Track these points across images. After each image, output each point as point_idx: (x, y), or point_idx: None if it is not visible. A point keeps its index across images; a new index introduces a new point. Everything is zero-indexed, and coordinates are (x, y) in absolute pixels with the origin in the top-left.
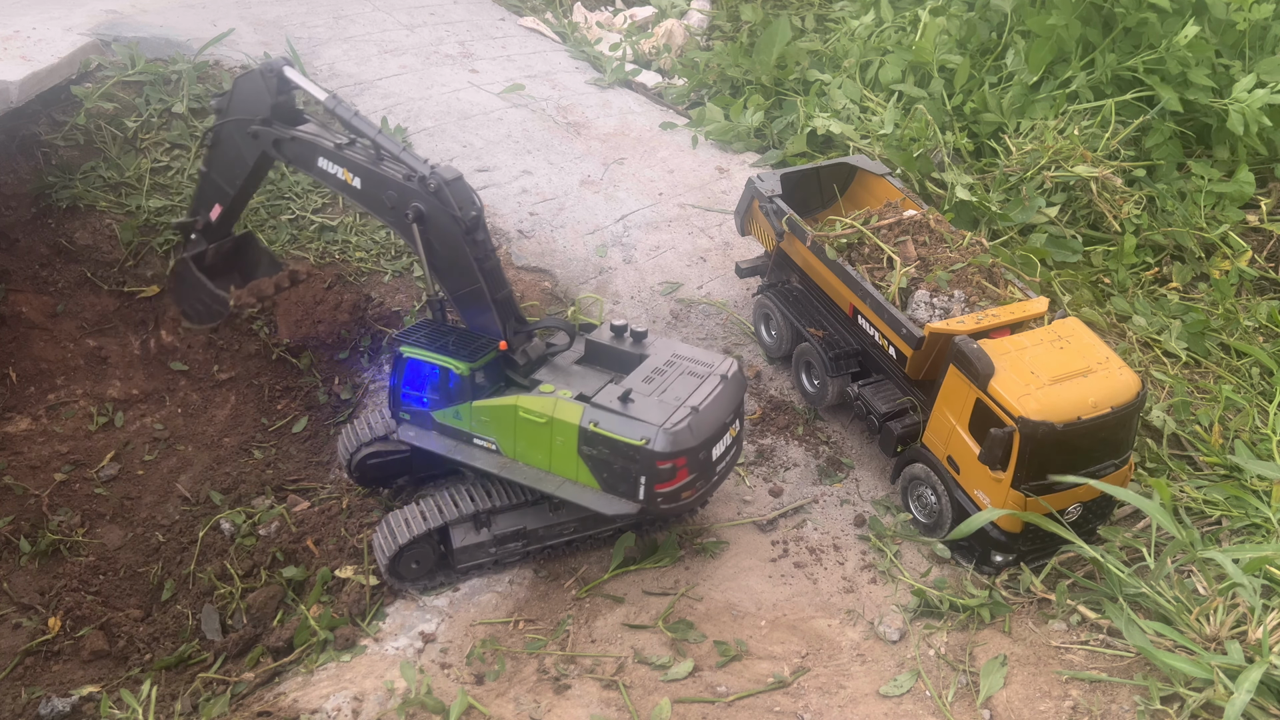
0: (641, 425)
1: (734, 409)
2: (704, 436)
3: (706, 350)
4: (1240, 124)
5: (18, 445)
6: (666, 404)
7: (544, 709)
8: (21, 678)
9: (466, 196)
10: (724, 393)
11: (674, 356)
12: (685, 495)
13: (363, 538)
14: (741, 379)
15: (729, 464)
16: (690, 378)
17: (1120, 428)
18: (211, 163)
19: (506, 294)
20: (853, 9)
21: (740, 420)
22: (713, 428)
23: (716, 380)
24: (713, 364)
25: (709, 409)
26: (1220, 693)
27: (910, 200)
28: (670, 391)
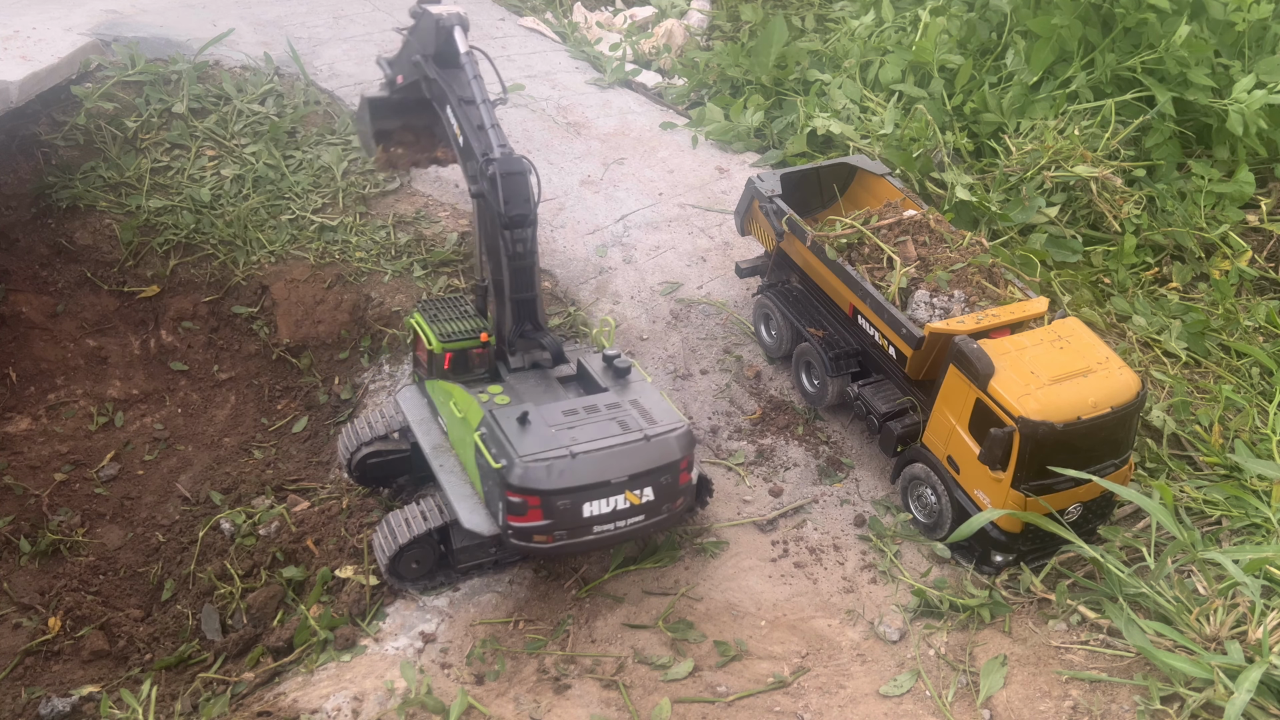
0: (508, 451)
1: (640, 474)
2: (568, 485)
3: (671, 409)
4: (1240, 124)
5: (18, 445)
6: (550, 440)
7: (544, 709)
8: (21, 678)
9: (520, 193)
10: (630, 453)
11: (628, 402)
12: (538, 539)
13: (363, 538)
14: (674, 448)
15: (621, 532)
16: (610, 425)
17: (1120, 427)
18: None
19: (530, 297)
20: (853, 9)
21: (662, 491)
22: (588, 480)
23: (633, 438)
24: (657, 423)
25: (590, 461)
26: (1220, 693)
27: (910, 200)
28: (572, 430)
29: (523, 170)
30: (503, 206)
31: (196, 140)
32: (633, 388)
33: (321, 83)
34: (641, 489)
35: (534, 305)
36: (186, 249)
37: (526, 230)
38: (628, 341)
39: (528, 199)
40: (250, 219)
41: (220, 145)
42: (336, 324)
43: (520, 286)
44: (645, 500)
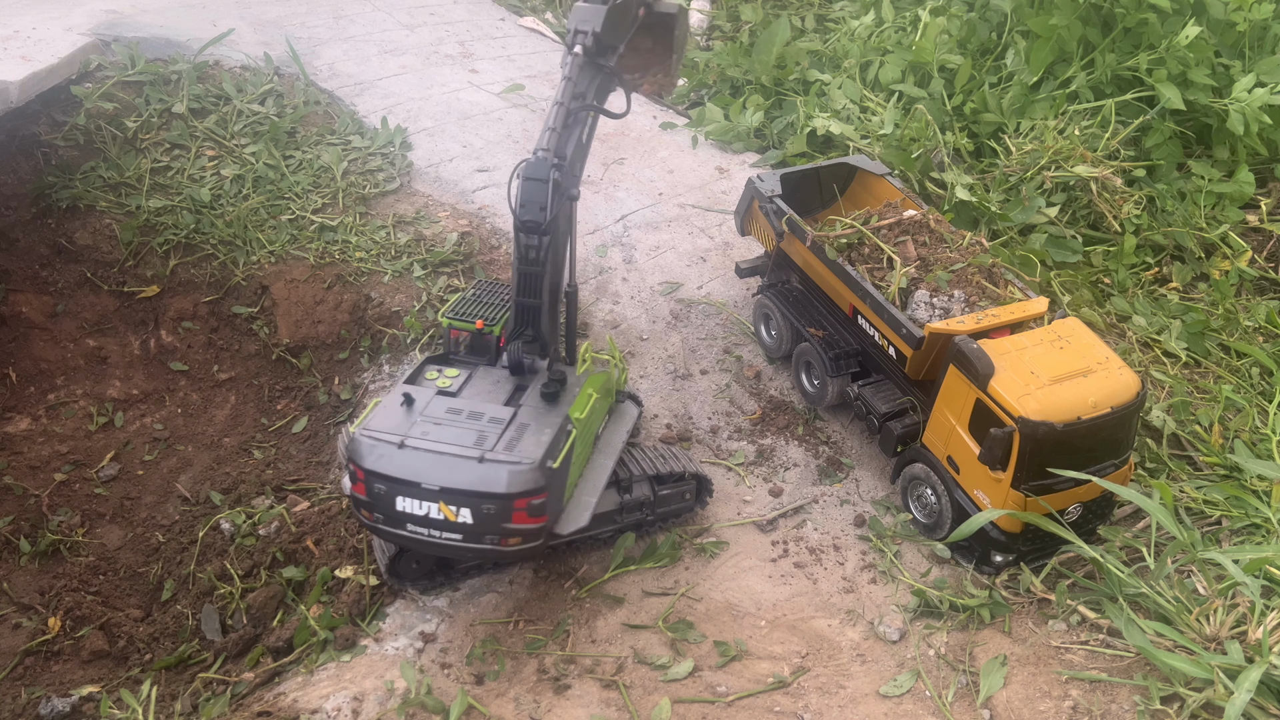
0: (363, 419)
1: (455, 492)
2: (380, 470)
3: (543, 447)
4: (1240, 124)
5: (18, 445)
6: (397, 425)
7: (544, 709)
8: (21, 678)
9: (535, 200)
10: (454, 467)
11: (518, 423)
12: (364, 513)
13: (363, 538)
14: (505, 481)
15: (436, 543)
16: (467, 434)
17: (1120, 428)
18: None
19: (533, 305)
20: (853, 9)
21: (482, 520)
22: (404, 476)
23: (467, 454)
24: (511, 451)
25: (412, 458)
26: (1220, 693)
27: (910, 200)
28: (431, 426)
29: (543, 177)
30: (517, 208)
31: (196, 140)
32: (542, 412)
33: (321, 83)
34: (458, 507)
35: (538, 314)
36: (186, 249)
37: (539, 239)
38: (628, 341)
39: (542, 208)
40: (250, 219)
41: (220, 145)
42: (336, 324)
43: (525, 290)
44: (462, 521)
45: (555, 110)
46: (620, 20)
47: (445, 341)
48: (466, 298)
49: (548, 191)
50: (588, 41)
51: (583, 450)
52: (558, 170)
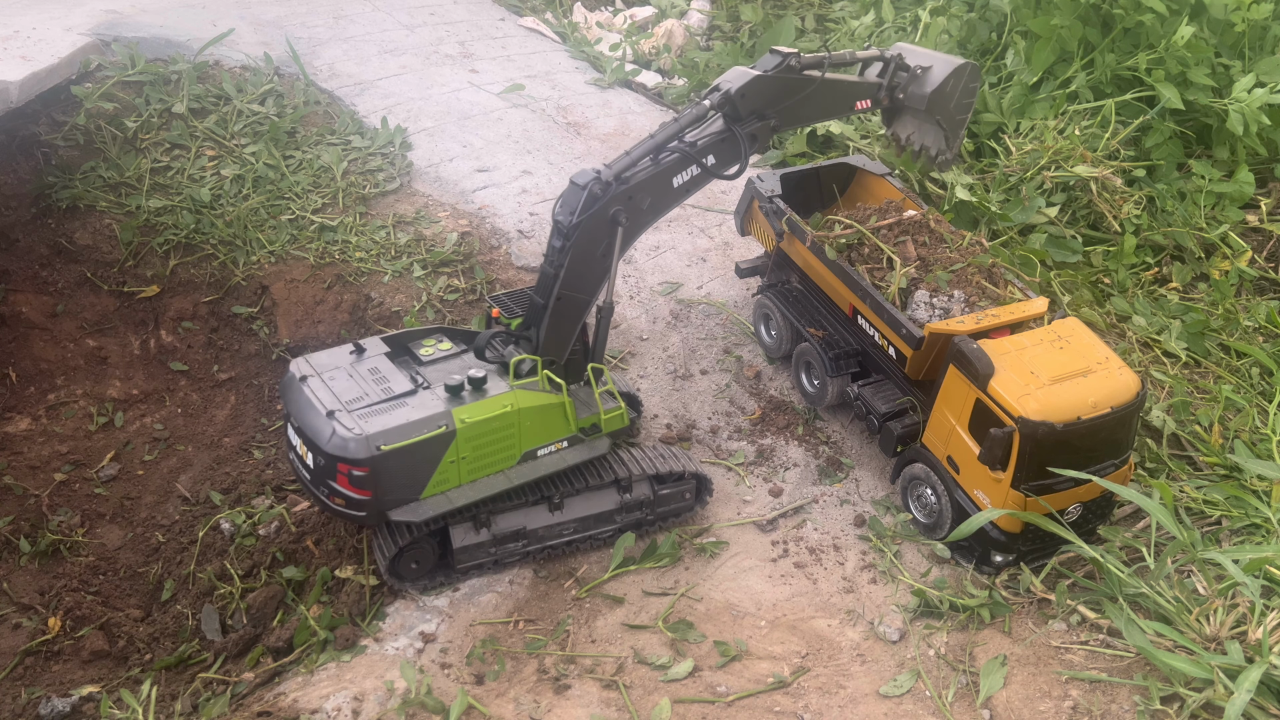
0: (312, 355)
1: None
2: (283, 396)
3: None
4: (1240, 124)
5: (18, 445)
6: (323, 367)
7: (544, 709)
8: (21, 678)
9: (570, 201)
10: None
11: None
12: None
13: (362, 538)
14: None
15: (302, 479)
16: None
17: (1120, 428)
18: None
19: (537, 303)
20: (853, 9)
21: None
22: (289, 406)
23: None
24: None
25: (297, 396)
26: (1220, 693)
27: (910, 200)
28: (342, 377)
29: (582, 184)
30: (556, 207)
31: (196, 140)
32: (432, 401)
33: (321, 83)
34: (307, 450)
35: (540, 314)
36: (186, 249)
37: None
38: (627, 341)
39: (573, 211)
40: (250, 219)
41: (220, 145)
42: (336, 324)
43: (538, 289)
44: (309, 463)
45: (644, 140)
46: (783, 94)
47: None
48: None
49: (580, 199)
50: (716, 100)
51: (477, 456)
52: (602, 186)
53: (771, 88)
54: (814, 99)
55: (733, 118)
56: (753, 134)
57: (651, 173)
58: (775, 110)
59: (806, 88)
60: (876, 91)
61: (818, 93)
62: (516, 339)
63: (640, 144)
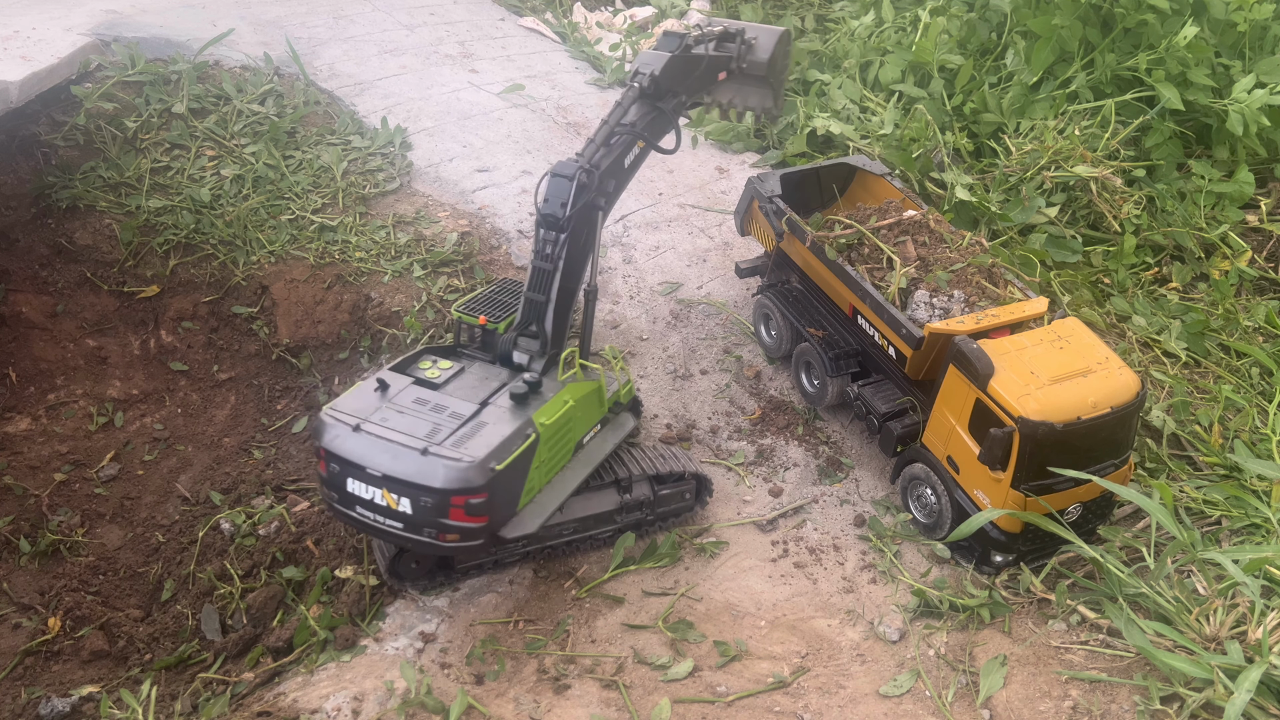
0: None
1: (395, 481)
2: (333, 450)
3: (495, 449)
4: (1240, 124)
5: (18, 445)
6: (361, 410)
7: (544, 709)
8: (21, 678)
9: (558, 195)
10: (398, 456)
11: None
12: (325, 490)
13: (362, 538)
14: (442, 477)
15: (381, 529)
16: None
17: (1120, 428)
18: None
19: (539, 300)
20: (853, 9)
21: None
22: (353, 459)
23: (413, 444)
24: (460, 446)
25: (363, 442)
26: (1220, 693)
27: (910, 200)
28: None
29: (568, 175)
30: (540, 203)
31: (196, 140)
32: (505, 412)
33: (321, 83)
34: (398, 496)
35: (544, 310)
36: (186, 249)
37: (557, 235)
38: (627, 341)
39: (564, 204)
40: (250, 219)
41: (220, 145)
42: (336, 324)
43: (535, 286)
44: (402, 510)
45: (600, 127)
46: (685, 72)
47: (456, 333)
48: (484, 294)
49: (570, 189)
50: (645, 82)
51: (551, 456)
52: (586, 175)
53: (679, 66)
54: (700, 74)
55: (656, 96)
56: (674, 108)
57: (613, 157)
58: (682, 86)
59: (700, 64)
60: (729, 63)
61: (703, 67)
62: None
63: (599, 131)
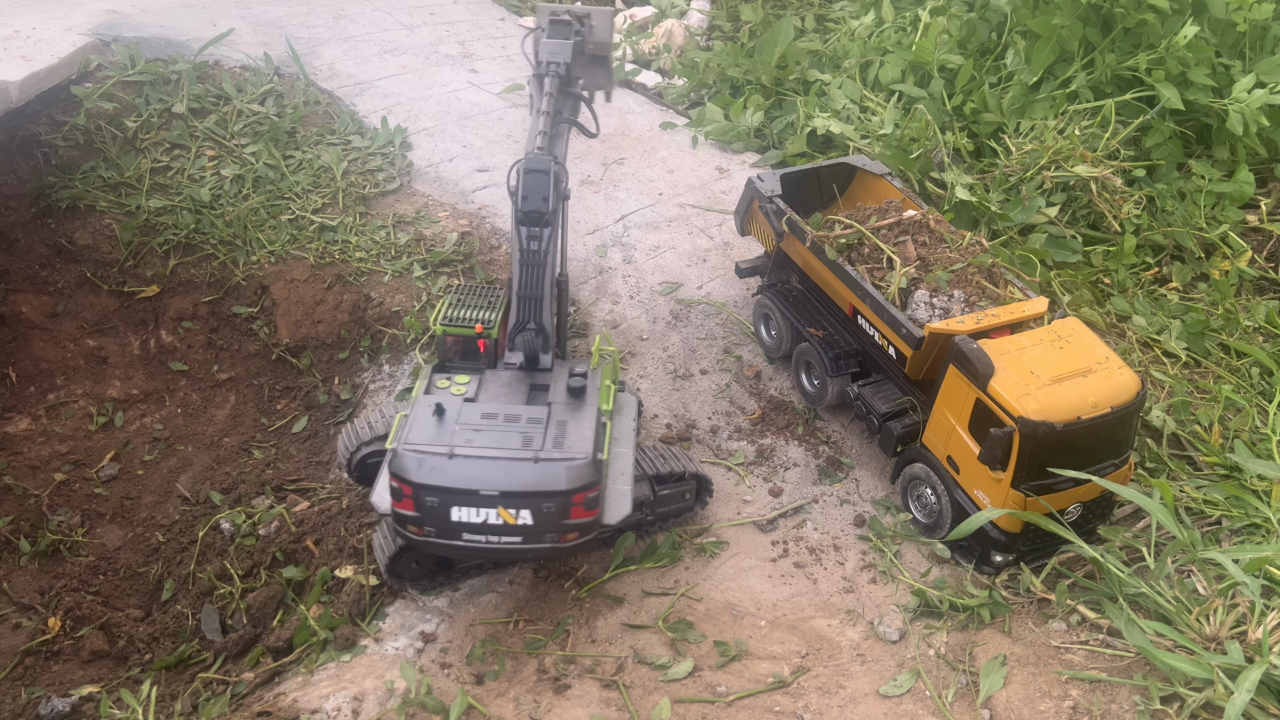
0: (400, 435)
1: (515, 495)
2: (434, 483)
3: (590, 440)
4: (1240, 124)
5: (18, 445)
6: (440, 436)
7: (544, 709)
8: (21, 678)
9: (538, 191)
10: (510, 471)
11: (555, 421)
12: (411, 529)
13: (363, 538)
14: (565, 479)
15: (495, 549)
16: (510, 437)
17: (1120, 427)
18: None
19: (534, 296)
20: (853, 9)
21: (542, 519)
22: (455, 485)
23: (520, 455)
24: (562, 448)
25: (466, 466)
26: (1220, 693)
27: (910, 200)
28: (472, 433)
29: (545, 169)
30: (520, 201)
31: (196, 140)
32: (575, 409)
33: (321, 83)
34: (517, 510)
35: (540, 305)
36: (186, 249)
37: (542, 230)
38: (627, 341)
39: (545, 198)
40: (250, 219)
41: (220, 145)
42: (336, 324)
43: (529, 284)
44: (522, 523)
45: (543, 118)
46: (579, 56)
47: (439, 349)
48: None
49: (549, 183)
50: (561, 71)
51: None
52: (558, 166)
53: (574, 53)
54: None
55: (568, 82)
56: (580, 91)
57: (561, 145)
58: (577, 70)
59: (584, 50)
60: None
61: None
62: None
63: (543, 121)
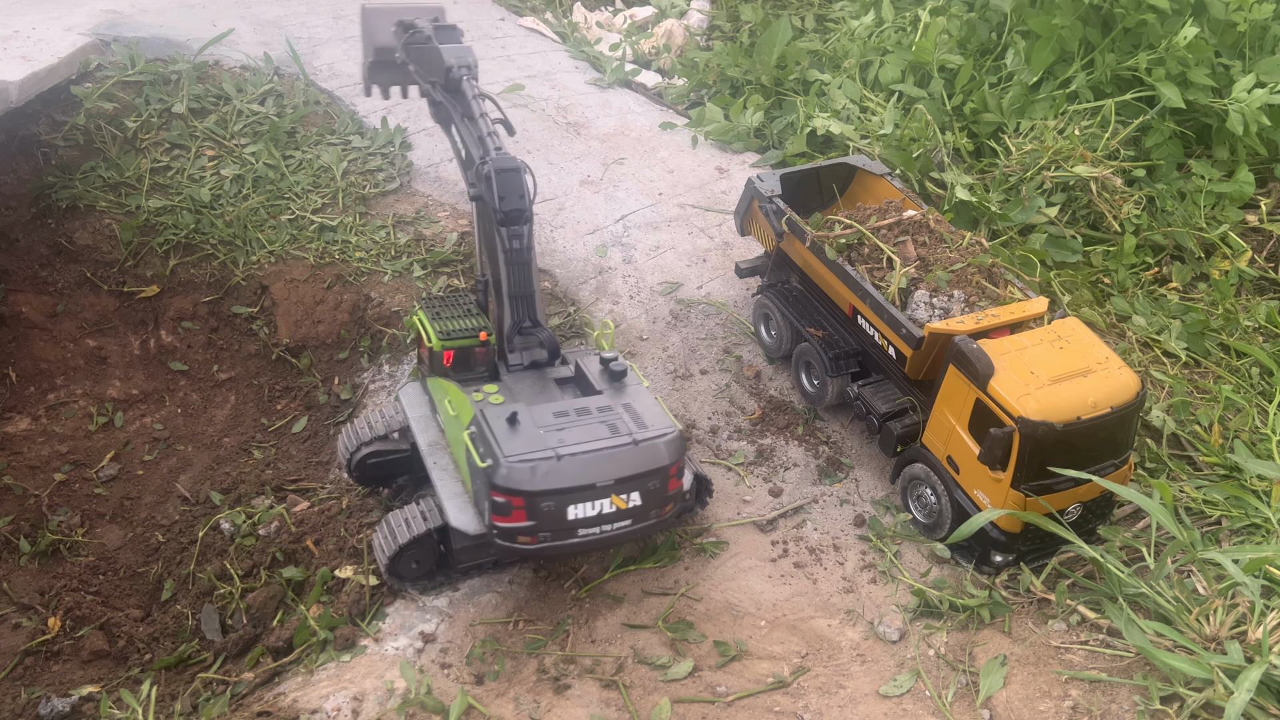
0: (494, 450)
1: (626, 479)
2: (551, 487)
3: (664, 415)
4: (1240, 124)
5: (18, 445)
6: (536, 441)
7: (544, 709)
8: (21, 678)
9: (515, 190)
10: (615, 457)
11: (620, 405)
12: (522, 539)
13: (363, 538)
14: (663, 454)
15: (607, 537)
16: (599, 429)
17: (1120, 427)
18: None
19: (528, 293)
20: (853, 9)
21: (649, 497)
22: (572, 483)
23: (621, 442)
24: (647, 427)
25: (576, 465)
26: (1220, 693)
27: (910, 200)
28: (562, 433)
29: (516, 167)
30: (498, 202)
31: (196, 140)
32: (628, 391)
33: (321, 83)
34: (628, 493)
35: (532, 302)
36: (186, 249)
37: (523, 227)
38: (627, 341)
39: (522, 195)
40: (250, 219)
41: (220, 145)
42: (336, 324)
43: (519, 283)
44: (632, 505)
45: (480, 121)
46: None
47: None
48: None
49: (523, 179)
50: (476, 73)
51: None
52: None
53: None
54: None
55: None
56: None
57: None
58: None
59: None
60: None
61: None
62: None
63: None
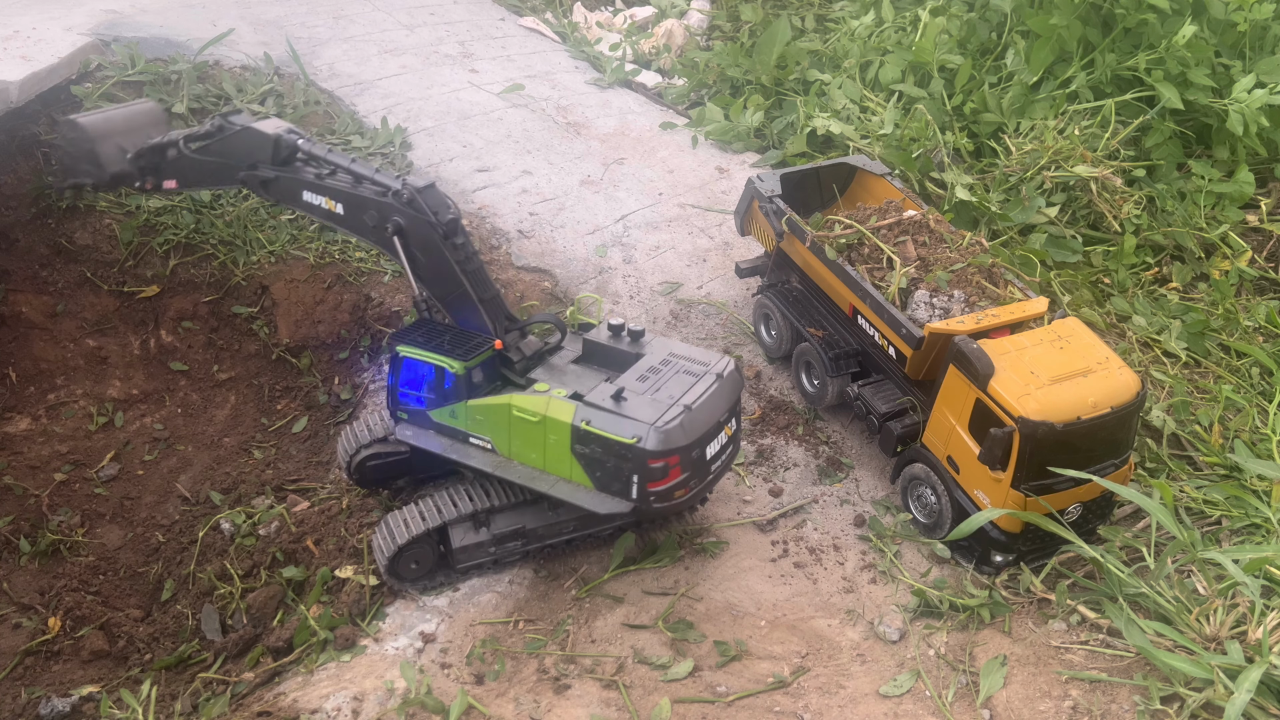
0: (633, 424)
1: (729, 407)
2: (696, 435)
3: (703, 349)
4: (1240, 124)
5: (18, 445)
6: (659, 402)
7: (544, 709)
8: (21, 678)
9: (440, 201)
10: (719, 391)
11: (670, 355)
12: (678, 494)
13: (362, 538)
14: (738, 378)
15: (725, 463)
16: (685, 376)
17: (1120, 428)
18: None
19: (493, 294)
20: (853, 9)
21: (737, 419)
22: (706, 426)
23: (711, 379)
24: (709, 363)
25: (702, 408)
26: (1220, 693)
27: (910, 200)
28: (664, 390)
29: (431, 181)
30: (434, 218)
31: None
32: (658, 344)
33: (321, 83)
34: (731, 420)
35: (500, 301)
36: (186, 249)
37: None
38: None
39: (448, 205)
40: (250, 219)
41: None
42: (336, 324)
43: (482, 286)
44: (733, 431)
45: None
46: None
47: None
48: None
49: (438, 191)
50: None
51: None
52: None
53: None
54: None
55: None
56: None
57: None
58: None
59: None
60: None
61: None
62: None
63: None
